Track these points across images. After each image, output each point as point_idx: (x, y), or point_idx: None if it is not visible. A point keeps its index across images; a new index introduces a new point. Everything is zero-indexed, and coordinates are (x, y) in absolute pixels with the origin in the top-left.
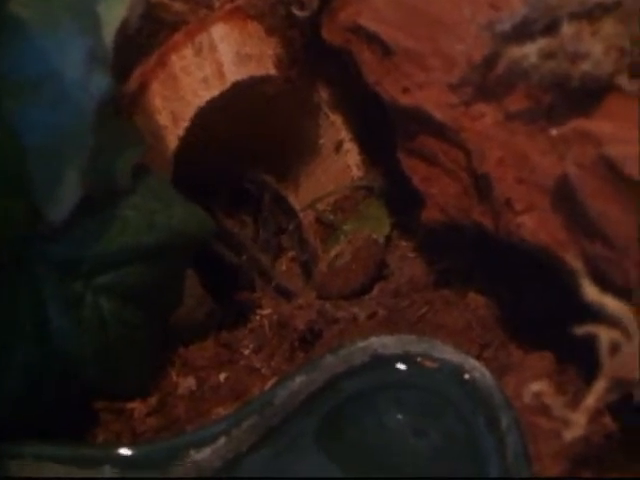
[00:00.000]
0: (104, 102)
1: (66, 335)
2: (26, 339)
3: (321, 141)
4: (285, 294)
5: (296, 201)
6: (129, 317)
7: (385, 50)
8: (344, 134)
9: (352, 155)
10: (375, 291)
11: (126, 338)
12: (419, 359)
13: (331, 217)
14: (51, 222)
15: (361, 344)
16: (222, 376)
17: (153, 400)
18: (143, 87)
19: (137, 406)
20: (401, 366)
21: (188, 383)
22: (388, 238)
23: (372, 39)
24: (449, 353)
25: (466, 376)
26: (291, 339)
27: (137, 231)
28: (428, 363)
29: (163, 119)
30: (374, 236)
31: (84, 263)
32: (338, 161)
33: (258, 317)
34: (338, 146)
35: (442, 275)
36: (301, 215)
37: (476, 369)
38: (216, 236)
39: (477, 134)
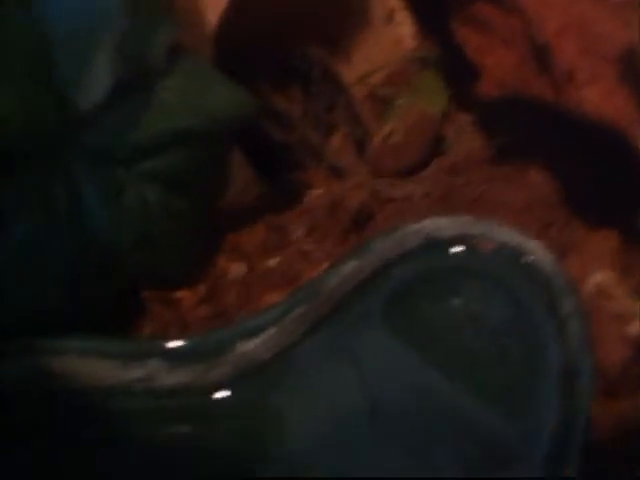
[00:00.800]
0: None
1: (107, 226)
2: (64, 232)
3: (371, 11)
4: (337, 173)
5: (347, 75)
6: (174, 204)
7: None
8: (395, 2)
9: (405, 25)
10: (431, 167)
11: (172, 226)
12: (476, 241)
13: (384, 91)
14: (82, 110)
15: (414, 227)
16: (273, 261)
17: (202, 288)
18: None
19: (186, 295)
20: (456, 249)
21: (238, 269)
22: (445, 112)
23: None
24: (508, 234)
25: (526, 259)
26: (343, 221)
27: (176, 114)
28: (485, 245)
29: None
30: (429, 110)
31: (121, 150)
32: (390, 32)
33: (309, 198)
34: (389, 15)
35: (501, 150)
36: (353, 90)
37: (537, 251)
38: (264, 115)
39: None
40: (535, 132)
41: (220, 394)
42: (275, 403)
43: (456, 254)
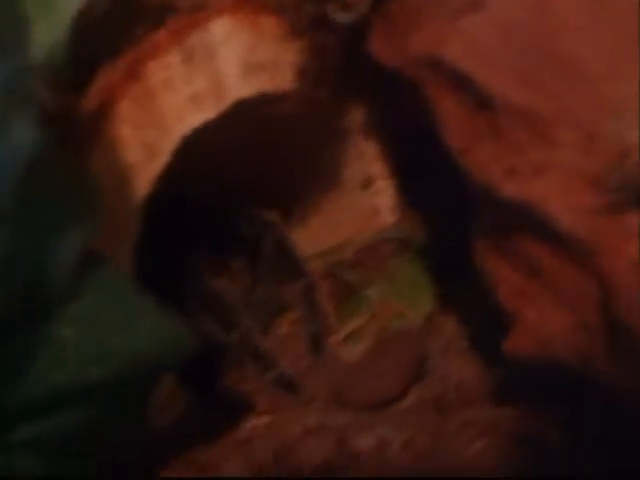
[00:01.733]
0: (32, 160)
1: None
2: None
3: (345, 174)
4: (287, 388)
5: (305, 247)
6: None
7: (481, 102)
8: (376, 169)
9: (384, 196)
10: (412, 398)
11: None
12: None
13: (350, 275)
14: None
15: None
16: None
17: None
18: (106, 108)
19: None
20: None
21: None
22: (428, 317)
23: (461, 83)
24: None
25: None
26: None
27: (79, 362)
28: None
29: (131, 154)
30: (407, 313)
31: None
32: (365, 201)
33: (249, 427)
34: (367, 183)
35: (507, 387)
36: (310, 268)
37: None
38: (200, 300)
39: (627, 264)
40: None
41: None
42: None
43: None
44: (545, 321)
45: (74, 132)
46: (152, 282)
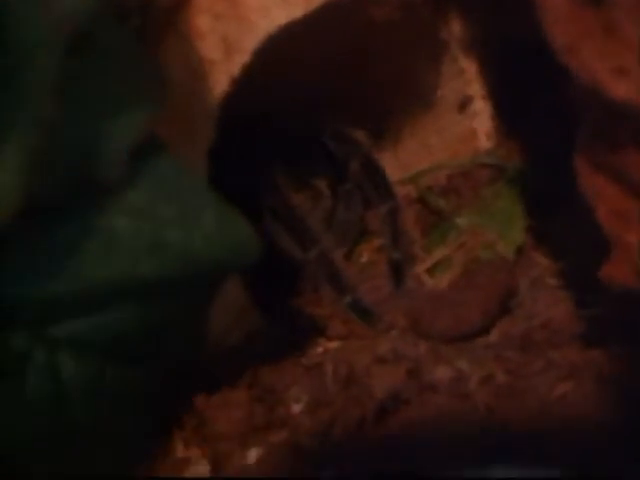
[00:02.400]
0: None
1: None
2: None
3: (441, 92)
4: (363, 315)
5: (395, 170)
6: (109, 378)
7: None
8: (475, 88)
9: (482, 118)
10: (494, 334)
11: (101, 411)
12: None
13: (441, 202)
14: None
15: None
16: (252, 454)
17: None
18: None
19: None
20: None
21: (199, 468)
22: (520, 250)
23: None
24: None
25: None
26: (363, 404)
27: (132, 255)
28: None
29: (209, 48)
30: (498, 245)
31: (29, 306)
32: (461, 123)
33: (319, 352)
34: (464, 103)
35: (598, 329)
36: (399, 192)
37: None
38: (278, 215)
39: None
40: None
41: None
42: None
43: None
44: None
45: (149, 24)
46: (228, 192)
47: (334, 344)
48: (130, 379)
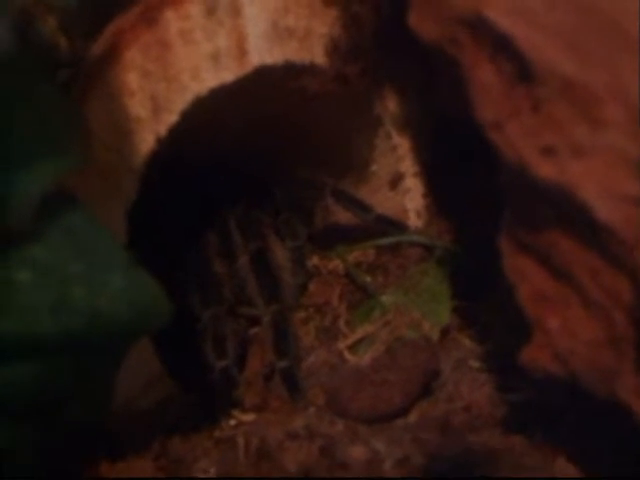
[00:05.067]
0: None
1: None
2: None
3: (373, 168)
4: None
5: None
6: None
7: (520, 70)
8: (407, 165)
9: (413, 196)
10: (415, 415)
11: None
12: None
13: (367, 278)
14: None
15: None
16: None
17: None
18: (114, 52)
19: None
20: None
21: None
22: (444, 330)
23: (501, 47)
24: None
25: None
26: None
27: (33, 310)
28: None
29: (137, 106)
30: (423, 325)
31: None
32: (392, 199)
33: (233, 424)
34: (396, 180)
35: (519, 414)
36: (326, 266)
37: None
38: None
39: None
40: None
41: None
42: None
43: None
44: (568, 331)
45: (78, 77)
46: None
47: (248, 416)
48: (19, 436)
